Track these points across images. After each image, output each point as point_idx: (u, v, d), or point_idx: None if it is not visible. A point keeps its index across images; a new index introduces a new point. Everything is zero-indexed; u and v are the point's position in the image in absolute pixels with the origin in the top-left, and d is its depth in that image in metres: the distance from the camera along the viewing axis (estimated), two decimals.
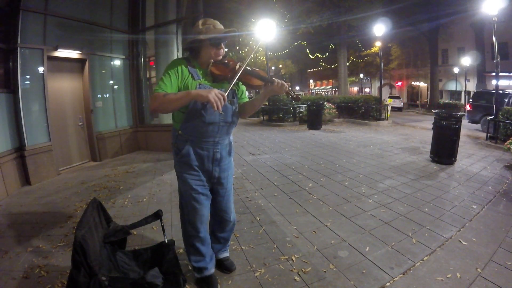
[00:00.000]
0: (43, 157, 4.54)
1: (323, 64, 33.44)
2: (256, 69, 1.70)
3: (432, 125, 5.55)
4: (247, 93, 1.99)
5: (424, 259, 2.26)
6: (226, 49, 1.74)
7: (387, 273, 2.08)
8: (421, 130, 10.11)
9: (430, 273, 2.08)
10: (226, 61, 1.66)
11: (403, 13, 18.00)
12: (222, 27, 1.64)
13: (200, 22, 1.63)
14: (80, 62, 5.45)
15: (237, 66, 1.64)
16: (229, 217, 1.95)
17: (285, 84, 1.60)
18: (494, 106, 7.96)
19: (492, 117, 7.71)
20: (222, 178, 1.82)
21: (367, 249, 2.40)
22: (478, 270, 2.09)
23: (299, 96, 1.48)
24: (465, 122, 8.43)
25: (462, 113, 5.66)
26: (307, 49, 28.74)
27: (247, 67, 1.63)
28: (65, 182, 4.43)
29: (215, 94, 1.31)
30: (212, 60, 1.63)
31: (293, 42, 23.84)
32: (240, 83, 1.76)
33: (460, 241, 2.51)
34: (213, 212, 1.96)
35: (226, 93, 1.39)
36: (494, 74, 8.80)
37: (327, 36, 20.44)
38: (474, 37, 20.74)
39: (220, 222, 1.97)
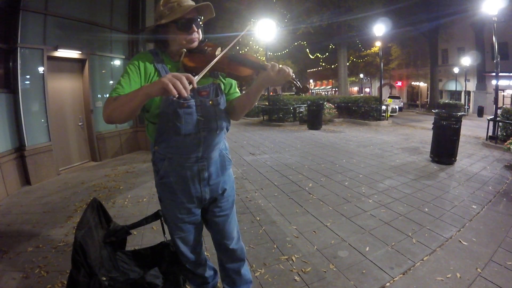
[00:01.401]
0: (43, 157, 4.55)
1: (323, 64, 33.43)
2: (245, 54, 1.27)
3: (432, 125, 5.55)
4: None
5: (424, 259, 2.26)
6: (201, 34, 1.30)
7: (387, 273, 2.08)
8: (421, 130, 10.10)
9: (430, 273, 2.08)
10: (203, 48, 1.26)
11: (403, 13, 18.00)
12: (191, 2, 1.22)
13: (161, 1, 1.22)
14: (80, 62, 5.45)
15: (217, 52, 1.23)
16: (230, 243, 1.53)
17: (286, 69, 1.11)
18: (494, 106, 7.97)
19: (492, 117, 7.71)
20: (217, 200, 1.45)
21: (367, 249, 2.40)
22: (478, 270, 2.09)
23: (307, 86, 1.18)
24: (465, 121, 8.41)
25: (462, 113, 5.65)
26: (307, 49, 28.72)
27: (231, 53, 1.24)
28: (65, 182, 4.43)
29: (171, 76, 0.90)
30: (184, 50, 1.23)
31: (293, 42, 23.83)
32: (223, 74, 1.31)
33: (460, 241, 2.51)
34: (212, 235, 1.56)
35: (197, 77, 0.98)
36: (494, 74, 8.80)
37: (327, 36, 20.45)
38: (474, 37, 20.74)
39: (221, 249, 1.57)
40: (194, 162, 1.31)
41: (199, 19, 1.23)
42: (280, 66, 1.12)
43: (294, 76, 1.15)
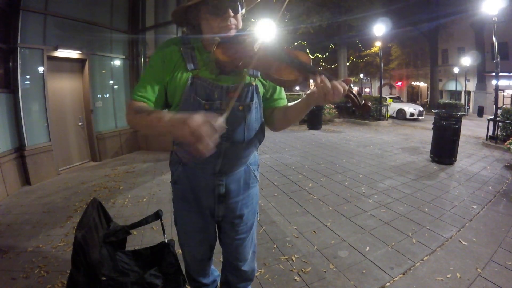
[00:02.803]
0: (43, 157, 4.54)
1: (323, 64, 33.42)
2: (292, 50, 0.98)
3: (432, 125, 5.55)
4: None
5: (424, 259, 2.26)
6: (240, 21, 1.04)
7: (387, 273, 2.08)
8: (421, 130, 10.10)
9: (430, 273, 2.08)
10: (242, 38, 1.00)
11: (403, 13, 18.00)
12: None
13: None
14: (80, 62, 5.44)
15: (257, 46, 0.96)
16: (242, 265, 1.37)
17: (338, 85, 0.84)
18: (494, 106, 7.97)
19: (492, 117, 7.71)
20: (232, 218, 1.24)
21: (367, 249, 2.40)
22: (478, 270, 2.09)
23: (368, 103, 0.90)
24: (465, 121, 8.41)
25: (462, 113, 5.65)
26: (307, 49, 28.71)
27: (273, 46, 0.97)
28: (65, 182, 4.42)
29: (197, 126, 0.69)
30: (218, 38, 0.99)
31: (293, 42, 23.82)
32: (260, 74, 1.07)
33: (460, 241, 2.51)
34: (223, 252, 1.41)
35: (225, 115, 0.76)
36: (494, 74, 8.80)
37: (327, 36, 20.44)
38: (474, 37, 20.73)
39: (230, 268, 1.41)
40: (210, 175, 1.12)
41: (239, 3, 1.00)
42: (333, 82, 0.83)
43: (351, 89, 0.88)
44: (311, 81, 0.95)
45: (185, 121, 0.72)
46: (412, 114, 14.18)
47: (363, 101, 0.91)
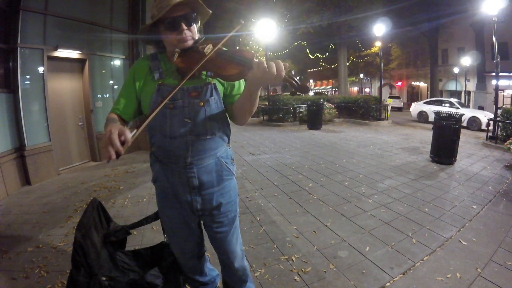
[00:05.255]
0: (43, 157, 4.54)
1: (323, 64, 33.42)
2: (238, 49, 1.16)
3: (432, 125, 5.55)
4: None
5: (424, 259, 2.26)
6: (196, 32, 1.19)
7: (387, 273, 2.08)
8: (421, 130, 10.11)
9: (430, 273, 2.08)
10: (196, 47, 1.15)
11: (403, 13, 18.02)
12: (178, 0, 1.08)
13: (155, 1, 1.14)
14: (80, 62, 5.45)
15: (207, 49, 1.11)
16: (231, 262, 1.41)
17: (275, 64, 0.94)
18: (494, 106, 7.97)
19: (492, 117, 7.71)
20: (211, 210, 1.30)
21: (367, 249, 2.40)
22: (478, 270, 2.09)
23: (307, 84, 1.01)
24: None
25: (462, 113, 5.66)
26: (307, 49, 28.73)
27: (222, 48, 1.14)
28: (65, 182, 4.43)
29: (106, 139, 0.87)
30: (177, 50, 1.13)
31: (293, 42, 23.82)
32: (208, 74, 1.19)
33: (460, 241, 2.51)
34: (214, 250, 1.45)
35: (135, 133, 0.92)
36: (494, 74, 8.80)
37: (327, 36, 20.43)
38: (474, 37, 20.72)
39: (223, 266, 1.48)
40: (183, 168, 1.21)
41: (193, 16, 1.15)
42: (270, 62, 0.95)
43: (290, 74, 0.98)
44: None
45: (106, 129, 0.94)
46: (488, 124, 8.12)
47: (302, 82, 1.00)
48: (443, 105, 13.24)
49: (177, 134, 1.17)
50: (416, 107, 14.45)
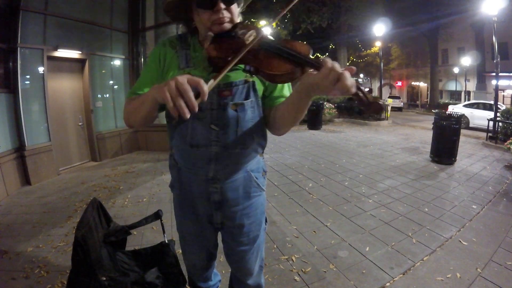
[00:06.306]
0: (43, 157, 4.54)
1: None
2: (289, 40, 0.85)
3: (432, 125, 5.55)
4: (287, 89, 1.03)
5: (424, 259, 2.26)
6: (236, 14, 0.94)
7: (387, 273, 2.08)
8: (421, 130, 10.11)
9: (430, 273, 2.08)
10: (236, 32, 0.88)
11: (403, 13, 18.00)
12: None
13: None
14: (80, 62, 5.44)
15: (250, 38, 0.84)
16: (247, 279, 1.24)
17: (344, 75, 0.66)
18: (494, 106, 7.97)
19: (492, 117, 7.72)
20: (231, 227, 1.12)
21: (367, 249, 2.40)
22: (478, 270, 2.09)
23: (379, 101, 0.70)
24: None
25: (462, 113, 5.65)
26: None
27: (267, 38, 0.86)
28: (65, 182, 4.42)
29: (174, 86, 0.63)
30: (211, 34, 0.88)
31: None
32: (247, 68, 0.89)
33: (460, 241, 2.51)
34: (228, 262, 1.29)
35: (211, 84, 0.69)
36: (494, 74, 8.80)
37: (327, 36, 20.43)
38: (474, 37, 20.74)
39: (236, 280, 1.32)
40: (204, 182, 1.02)
41: None
42: (344, 72, 0.66)
43: (359, 85, 0.71)
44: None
45: (167, 81, 0.66)
46: None
47: (373, 98, 0.72)
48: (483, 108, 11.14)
49: (199, 143, 0.95)
50: (454, 111, 13.80)
